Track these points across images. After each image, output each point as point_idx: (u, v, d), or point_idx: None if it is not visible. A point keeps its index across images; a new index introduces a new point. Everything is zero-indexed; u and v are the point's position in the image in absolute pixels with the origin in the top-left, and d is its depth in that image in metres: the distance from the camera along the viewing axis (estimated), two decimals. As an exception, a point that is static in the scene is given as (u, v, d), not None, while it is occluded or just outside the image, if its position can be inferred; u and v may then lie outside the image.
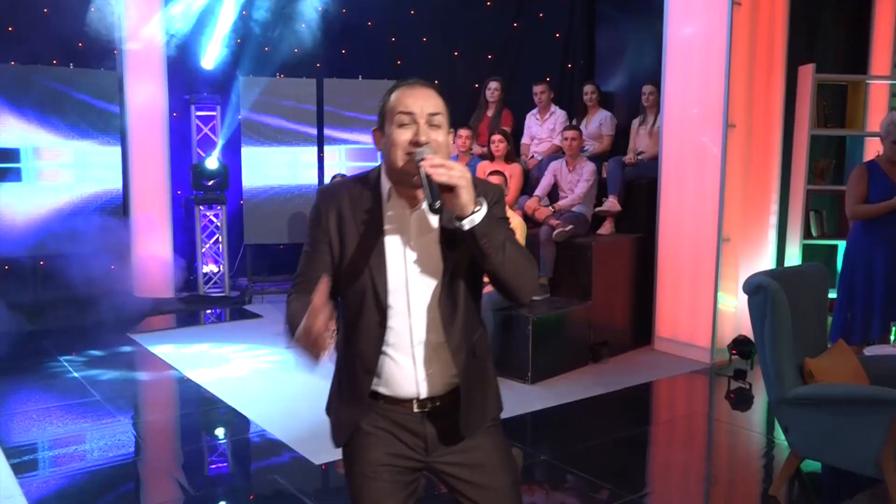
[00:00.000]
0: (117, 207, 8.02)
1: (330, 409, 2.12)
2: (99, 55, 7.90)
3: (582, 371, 5.81)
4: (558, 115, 7.08)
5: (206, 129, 8.30)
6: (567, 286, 6.05)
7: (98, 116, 7.87)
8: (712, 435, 4.84)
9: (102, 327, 7.09)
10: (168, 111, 8.06)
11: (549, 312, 5.70)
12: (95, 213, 7.89)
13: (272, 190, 8.44)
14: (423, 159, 1.80)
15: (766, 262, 6.19)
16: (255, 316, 7.67)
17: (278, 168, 8.42)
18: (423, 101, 1.88)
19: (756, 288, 3.65)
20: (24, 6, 7.57)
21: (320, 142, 8.49)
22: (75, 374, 5.75)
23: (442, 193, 1.78)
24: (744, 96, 5.80)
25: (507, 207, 2.33)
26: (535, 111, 7.25)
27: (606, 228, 6.34)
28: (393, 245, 1.93)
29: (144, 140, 7.97)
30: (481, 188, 1.92)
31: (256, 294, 8.31)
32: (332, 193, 1.98)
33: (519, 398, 5.24)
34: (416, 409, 1.99)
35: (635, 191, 6.47)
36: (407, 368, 1.97)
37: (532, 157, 7.12)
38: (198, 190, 8.18)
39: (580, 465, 4.15)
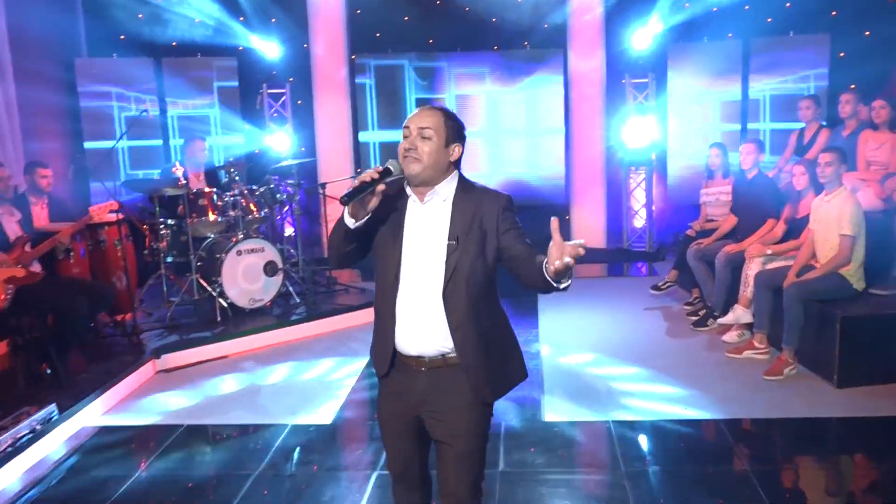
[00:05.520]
0: (558, 170, 9.00)
1: None
2: (551, 36, 8.85)
3: (922, 384, 4.72)
4: None
5: (640, 97, 8.58)
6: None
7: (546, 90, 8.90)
8: None
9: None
10: (606, 82, 8.61)
11: (874, 312, 4.76)
12: (542, 173, 9.02)
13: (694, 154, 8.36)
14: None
15: None
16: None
17: (699, 134, 8.26)
18: (417, 119, 2.34)
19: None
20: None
21: (744, 103, 8.02)
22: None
23: None
24: None
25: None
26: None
27: None
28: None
29: (583, 108, 8.70)
30: (488, 196, 2.35)
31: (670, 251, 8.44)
32: None
33: (816, 398, 4.66)
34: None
35: None
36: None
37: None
38: (626, 152, 8.63)
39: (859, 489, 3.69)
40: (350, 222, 2.29)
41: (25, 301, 4.90)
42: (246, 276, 6.34)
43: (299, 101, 9.25)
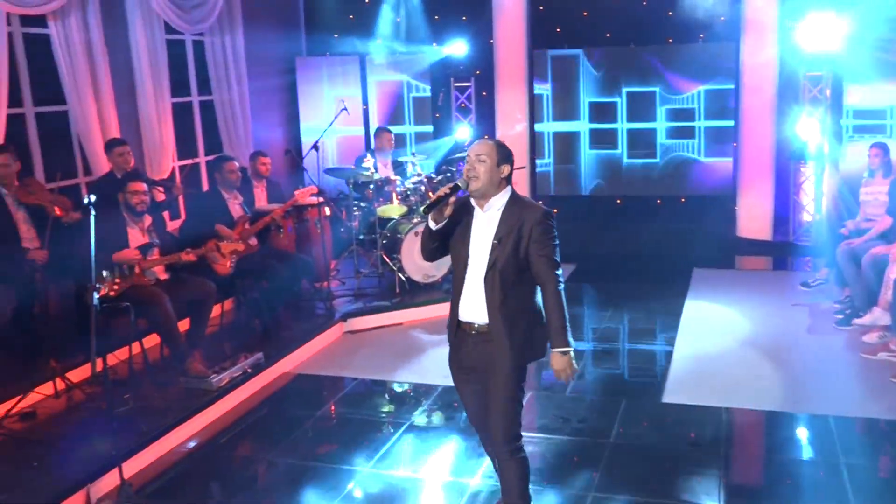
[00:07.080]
0: (727, 160, 9.04)
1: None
2: (726, 28, 8.82)
3: None
4: None
5: (814, 91, 8.34)
6: None
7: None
8: None
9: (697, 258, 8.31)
10: (778, 75, 8.47)
11: None
12: (710, 163, 9.11)
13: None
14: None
15: None
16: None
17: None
18: (475, 148, 3.12)
19: None
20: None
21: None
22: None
23: None
24: None
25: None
26: None
27: None
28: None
29: (754, 100, 8.61)
30: (530, 208, 3.04)
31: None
32: None
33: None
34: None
35: None
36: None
37: None
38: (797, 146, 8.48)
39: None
40: (433, 225, 3.07)
41: (245, 268, 6.02)
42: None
43: (483, 94, 9.93)
